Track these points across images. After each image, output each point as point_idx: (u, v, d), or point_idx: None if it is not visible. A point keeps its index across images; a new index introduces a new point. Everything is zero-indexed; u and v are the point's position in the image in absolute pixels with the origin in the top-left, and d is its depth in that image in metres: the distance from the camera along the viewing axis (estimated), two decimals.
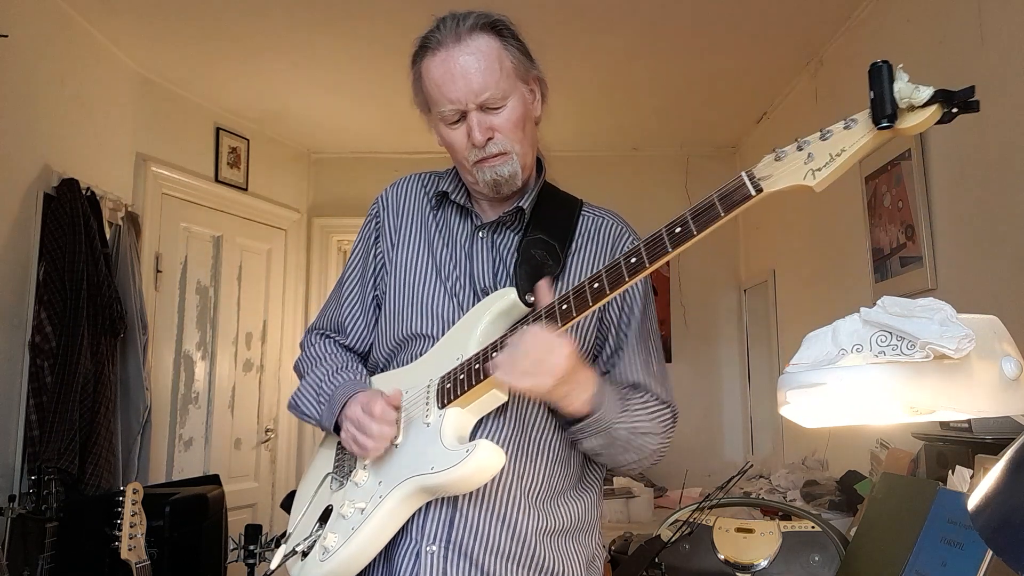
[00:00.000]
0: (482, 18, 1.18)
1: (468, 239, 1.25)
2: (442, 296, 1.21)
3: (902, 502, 1.51)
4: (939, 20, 2.31)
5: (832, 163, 0.84)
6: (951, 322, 0.74)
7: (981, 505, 0.56)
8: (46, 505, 2.21)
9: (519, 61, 1.20)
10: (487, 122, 1.16)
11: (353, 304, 1.33)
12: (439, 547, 1.13)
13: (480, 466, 1.05)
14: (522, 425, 1.17)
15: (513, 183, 1.20)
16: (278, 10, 2.95)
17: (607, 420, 1.12)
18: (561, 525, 1.19)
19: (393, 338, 1.24)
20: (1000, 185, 2.03)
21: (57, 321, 2.66)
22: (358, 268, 1.34)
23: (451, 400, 1.11)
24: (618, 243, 1.26)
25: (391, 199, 1.35)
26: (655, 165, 4.55)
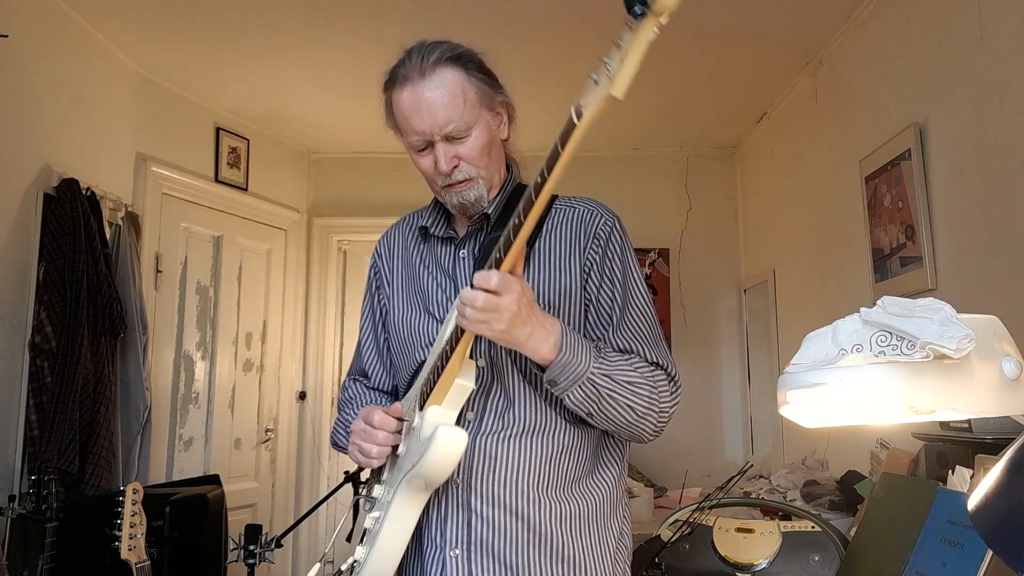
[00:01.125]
0: (447, 51, 1.24)
1: (451, 262, 1.33)
2: (430, 324, 1.30)
3: (902, 502, 1.51)
4: (939, 20, 2.31)
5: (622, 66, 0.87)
6: (951, 322, 0.74)
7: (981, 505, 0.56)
8: (46, 505, 2.21)
9: (483, 91, 1.26)
10: (452, 151, 1.24)
11: (370, 352, 1.46)
12: (461, 550, 1.19)
13: (442, 447, 1.10)
14: (526, 421, 1.22)
15: (479, 205, 1.28)
16: (278, 10, 2.95)
17: (581, 364, 1.14)
18: (578, 511, 1.23)
19: (406, 374, 1.34)
20: (1000, 185, 2.04)
21: (57, 321, 2.66)
22: (368, 319, 1.47)
23: (426, 400, 1.18)
24: (590, 227, 1.29)
25: (383, 248, 1.47)
26: (655, 165, 4.55)
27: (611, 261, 1.27)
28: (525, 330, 1.10)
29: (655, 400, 1.20)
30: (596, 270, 1.27)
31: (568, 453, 1.24)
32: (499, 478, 1.21)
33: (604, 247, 1.28)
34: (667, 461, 4.17)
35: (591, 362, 1.15)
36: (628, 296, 1.27)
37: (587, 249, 1.27)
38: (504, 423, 1.22)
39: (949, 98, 2.26)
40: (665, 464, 4.16)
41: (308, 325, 4.53)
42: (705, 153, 4.53)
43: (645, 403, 1.19)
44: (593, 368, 1.15)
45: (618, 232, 1.31)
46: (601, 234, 1.28)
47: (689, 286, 4.49)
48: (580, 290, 1.26)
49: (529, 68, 3.28)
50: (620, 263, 1.28)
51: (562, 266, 1.26)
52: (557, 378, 1.14)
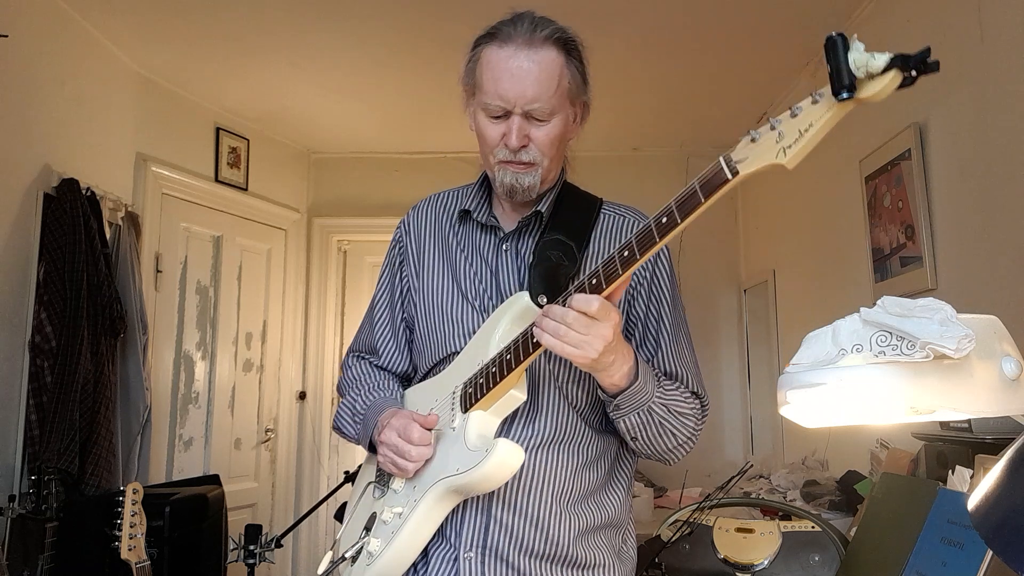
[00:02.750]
0: (558, 32, 1.20)
1: (493, 253, 1.28)
2: (470, 313, 1.25)
3: (902, 502, 1.51)
4: (939, 20, 2.31)
5: (801, 139, 0.86)
6: (951, 322, 0.74)
7: (981, 505, 0.56)
8: (46, 505, 2.21)
9: (574, 84, 1.23)
10: (527, 130, 1.19)
11: (384, 328, 1.39)
12: (476, 553, 1.18)
13: (500, 463, 1.09)
14: (554, 430, 1.21)
15: (530, 193, 1.24)
16: (278, 10, 2.95)
17: (646, 393, 1.14)
18: (591, 524, 1.23)
19: (431, 359, 1.30)
20: (1000, 185, 2.03)
21: (57, 321, 2.65)
22: (386, 293, 1.40)
23: (473, 403, 1.15)
24: None
25: (412, 224, 1.38)
26: (655, 165, 4.55)
27: (660, 280, 1.26)
28: (610, 358, 1.07)
29: (692, 434, 1.23)
30: (646, 288, 1.24)
31: (590, 465, 1.24)
32: (525, 487, 1.19)
33: (654, 264, 1.26)
34: None
35: (655, 391, 1.15)
36: (677, 318, 1.26)
37: None
38: (532, 431, 1.20)
39: (949, 98, 2.26)
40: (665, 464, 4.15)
41: (308, 325, 4.53)
42: (705, 153, 4.52)
43: (688, 433, 1.22)
44: (656, 397, 1.15)
45: (666, 251, 1.27)
46: None
47: (689, 286, 4.47)
48: (625, 304, 1.24)
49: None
50: (669, 284, 1.27)
51: None
52: (622, 403, 1.14)
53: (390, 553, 1.17)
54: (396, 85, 3.58)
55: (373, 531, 1.22)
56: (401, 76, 3.49)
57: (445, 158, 4.38)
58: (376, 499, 1.27)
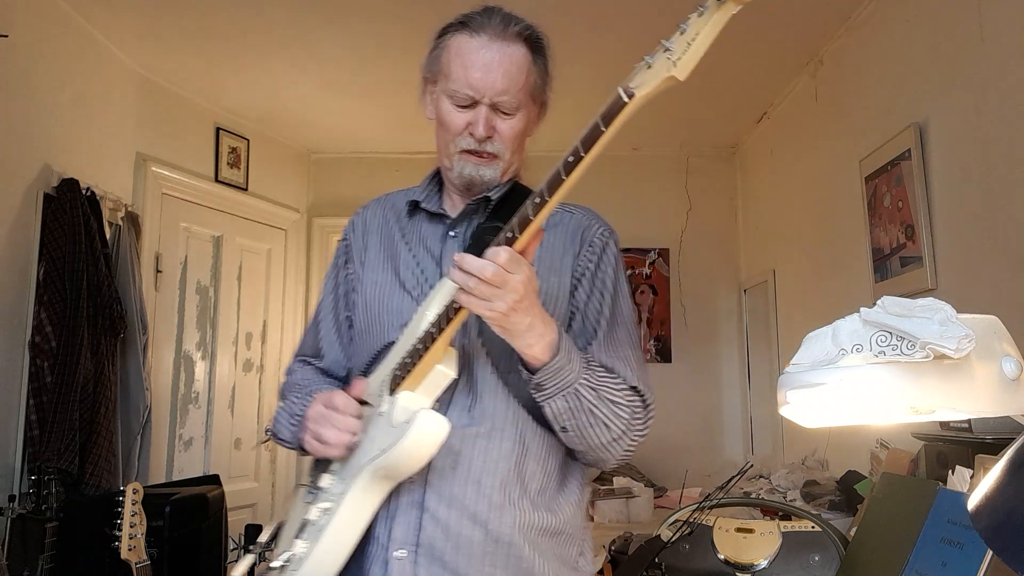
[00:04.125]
0: (528, 29, 1.21)
1: (439, 242, 1.25)
2: (408, 304, 1.20)
3: (902, 502, 1.51)
4: (939, 20, 2.31)
5: (689, 49, 0.88)
6: (951, 322, 0.74)
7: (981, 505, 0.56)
8: (46, 505, 2.21)
9: (540, 81, 1.23)
10: (493, 121, 1.18)
11: (328, 328, 1.35)
12: (409, 552, 1.10)
13: (422, 433, 1.02)
14: (494, 419, 1.14)
15: (487, 186, 1.22)
16: (278, 10, 2.95)
17: (571, 372, 1.08)
18: (539, 525, 1.14)
19: (368, 354, 1.24)
20: (1000, 185, 2.04)
21: (57, 321, 2.66)
22: (331, 292, 1.36)
23: (399, 384, 1.10)
24: (587, 234, 1.24)
25: (359, 223, 1.37)
26: (655, 165, 4.55)
27: (604, 273, 1.22)
28: (525, 320, 1.02)
29: (631, 425, 1.15)
30: (588, 279, 1.21)
31: (536, 460, 1.16)
32: (462, 477, 1.11)
33: (599, 257, 1.23)
34: (667, 461, 4.16)
35: (581, 372, 1.10)
36: (617, 313, 1.22)
37: (580, 255, 1.22)
38: (471, 418, 1.14)
39: (949, 98, 2.26)
40: (665, 464, 4.15)
41: None
42: (705, 153, 4.53)
43: (622, 426, 1.14)
44: (583, 379, 1.09)
45: (614, 246, 1.26)
46: (597, 243, 1.24)
47: (689, 286, 4.49)
48: (568, 296, 1.20)
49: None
50: (613, 277, 1.23)
51: (554, 268, 1.20)
52: (545, 383, 1.08)
53: (316, 553, 1.08)
54: (396, 85, 3.58)
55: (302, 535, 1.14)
56: (401, 76, 3.49)
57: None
58: (307, 504, 1.19)
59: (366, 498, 1.09)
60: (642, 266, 4.53)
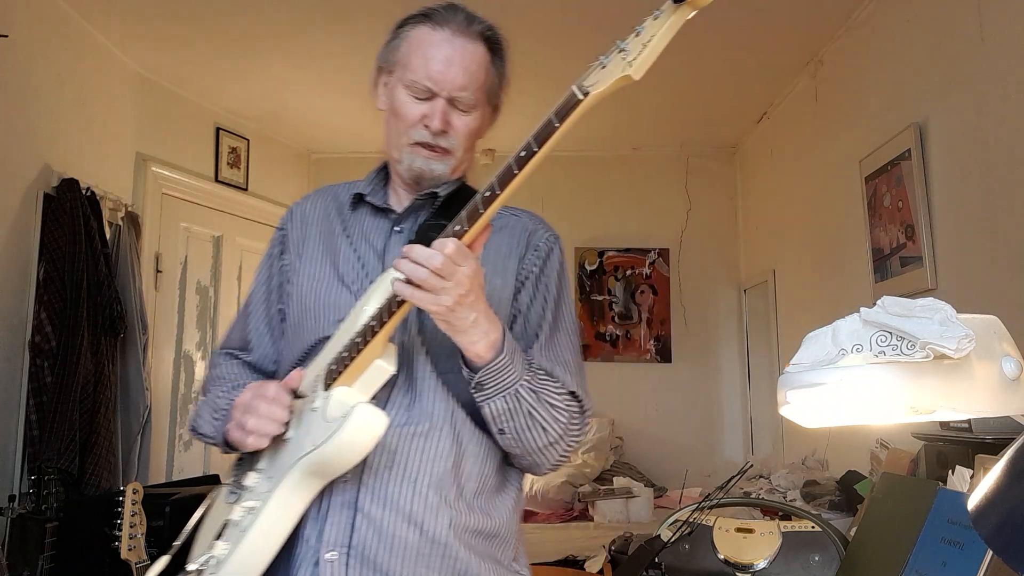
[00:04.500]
0: (490, 30, 1.21)
1: (383, 237, 1.23)
2: (346, 298, 1.17)
3: (902, 502, 1.51)
4: (939, 20, 2.31)
5: (644, 50, 0.88)
6: (951, 322, 0.74)
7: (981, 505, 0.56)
8: (46, 505, 2.21)
9: (496, 84, 1.23)
10: (450, 116, 1.17)
11: (258, 319, 1.31)
12: (340, 554, 1.05)
13: (359, 428, 0.98)
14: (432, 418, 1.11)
15: (436, 182, 1.21)
16: (278, 10, 2.95)
17: (514, 373, 1.06)
18: (475, 527, 1.12)
19: (301, 347, 1.20)
20: (1000, 185, 2.04)
21: (57, 321, 2.66)
22: (263, 284, 1.32)
23: (335, 379, 1.06)
24: (533, 237, 1.23)
25: (297, 213, 1.33)
26: (655, 165, 4.55)
27: (548, 278, 1.21)
28: (471, 315, 1.00)
29: (567, 430, 1.13)
30: (532, 282, 1.20)
31: (473, 461, 1.13)
32: (397, 477, 1.08)
33: (544, 261, 1.22)
34: (667, 461, 4.17)
35: (523, 373, 1.08)
36: (560, 318, 1.20)
37: (525, 258, 1.21)
38: (409, 417, 1.10)
39: (949, 98, 2.26)
40: (665, 464, 4.16)
41: None
42: (705, 153, 4.53)
43: (559, 430, 1.12)
44: (524, 380, 1.07)
45: (559, 252, 1.25)
46: (542, 248, 1.22)
47: (689, 286, 4.49)
48: (511, 299, 1.19)
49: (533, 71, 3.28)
50: (557, 282, 1.22)
51: (498, 269, 1.18)
52: (486, 382, 1.06)
53: (239, 554, 1.03)
54: None
55: (223, 536, 1.09)
56: None
57: None
58: (229, 504, 1.14)
59: (295, 496, 1.04)
60: (642, 266, 4.53)
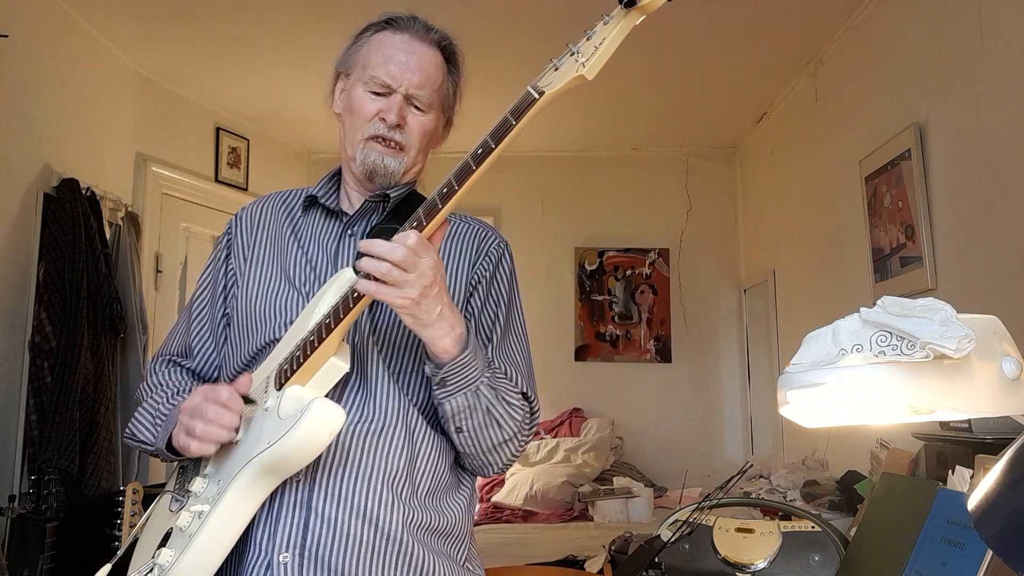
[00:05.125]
0: (447, 40, 1.25)
1: (335, 240, 1.23)
2: (296, 300, 1.17)
3: (902, 502, 1.51)
4: (939, 20, 2.32)
5: (596, 52, 0.92)
6: (951, 322, 0.74)
7: (981, 505, 0.56)
8: (46, 505, 2.21)
9: (449, 94, 1.27)
10: (406, 111, 1.20)
11: (202, 325, 1.29)
12: (293, 555, 1.04)
13: (315, 422, 0.97)
14: (385, 417, 1.11)
15: (387, 180, 1.22)
16: (278, 10, 2.95)
17: (476, 369, 1.07)
18: (429, 524, 1.12)
19: (248, 352, 1.19)
20: (1000, 185, 2.04)
21: (57, 321, 2.66)
22: (207, 289, 1.30)
23: (288, 379, 1.05)
24: (483, 244, 1.25)
25: (245, 218, 1.33)
26: (655, 165, 4.55)
27: (499, 283, 1.24)
28: (436, 308, 1.00)
29: (520, 429, 1.14)
30: (483, 287, 1.22)
31: (427, 458, 1.14)
32: (351, 475, 1.07)
33: (495, 267, 1.25)
34: (667, 461, 4.16)
35: (484, 371, 1.09)
36: (511, 321, 1.23)
37: (477, 264, 1.23)
38: (362, 415, 1.10)
39: (949, 98, 2.26)
40: (665, 464, 4.16)
41: None
42: (705, 153, 4.53)
43: (513, 428, 1.13)
44: (484, 377, 1.08)
45: (508, 258, 1.28)
46: (493, 254, 1.25)
47: (689, 286, 4.49)
48: (464, 303, 1.20)
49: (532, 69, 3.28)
50: (507, 287, 1.25)
51: (450, 274, 1.20)
52: (450, 378, 1.06)
53: (186, 561, 1.00)
54: None
55: (168, 544, 1.05)
56: None
57: (444, 158, 4.38)
58: (173, 512, 1.11)
59: (246, 498, 1.02)
60: (642, 266, 4.53)
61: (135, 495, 2.08)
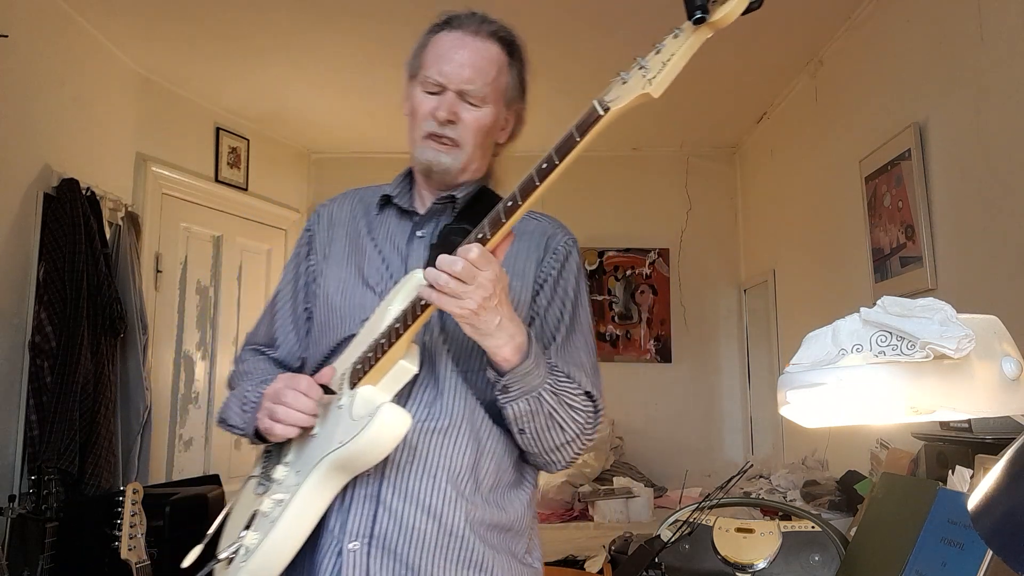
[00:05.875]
0: (504, 31, 1.25)
1: (406, 240, 1.26)
2: (370, 299, 1.21)
3: (902, 502, 1.51)
4: (939, 20, 2.31)
5: (664, 68, 0.91)
6: (951, 322, 0.74)
7: (981, 505, 0.56)
8: (46, 505, 2.21)
9: (511, 87, 1.26)
10: (457, 108, 1.21)
11: (284, 317, 1.35)
12: (362, 544, 1.10)
13: (384, 426, 1.03)
14: (452, 416, 1.15)
15: (446, 176, 1.24)
16: (278, 10, 2.95)
17: (538, 376, 1.10)
18: (490, 521, 1.16)
19: (327, 346, 1.25)
20: (1000, 185, 2.04)
21: (57, 321, 2.66)
22: (290, 283, 1.36)
23: (360, 378, 1.11)
24: (551, 242, 1.26)
25: (325, 215, 1.37)
26: (655, 165, 4.55)
27: (566, 281, 1.25)
28: (495, 319, 1.03)
29: (583, 430, 1.17)
30: (550, 285, 1.24)
31: (491, 457, 1.18)
32: (418, 471, 1.12)
33: (562, 265, 1.25)
34: (667, 461, 4.16)
35: (546, 377, 1.11)
36: (576, 320, 1.24)
37: (544, 263, 1.24)
38: (429, 413, 1.15)
39: (949, 98, 2.26)
40: (665, 464, 4.16)
41: None
42: (705, 153, 4.53)
43: (575, 430, 1.16)
44: (547, 383, 1.11)
45: (577, 256, 1.28)
46: (561, 251, 1.26)
47: (689, 286, 4.49)
48: (530, 301, 1.22)
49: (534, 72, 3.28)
50: (575, 285, 1.26)
51: (517, 272, 1.22)
52: (512, 385, 1.09)
53: (268, 544, 1.08)
54: (396, 84, 3.57)
55: (252, 526, 1.14)
56: (401, 76, 3.49)
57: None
58: (258, 495, 1.19)
59: (321, 490, 1.09)
60: (642, 266, 4.53)
61: (135, 495, 2.08)
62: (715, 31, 0.90)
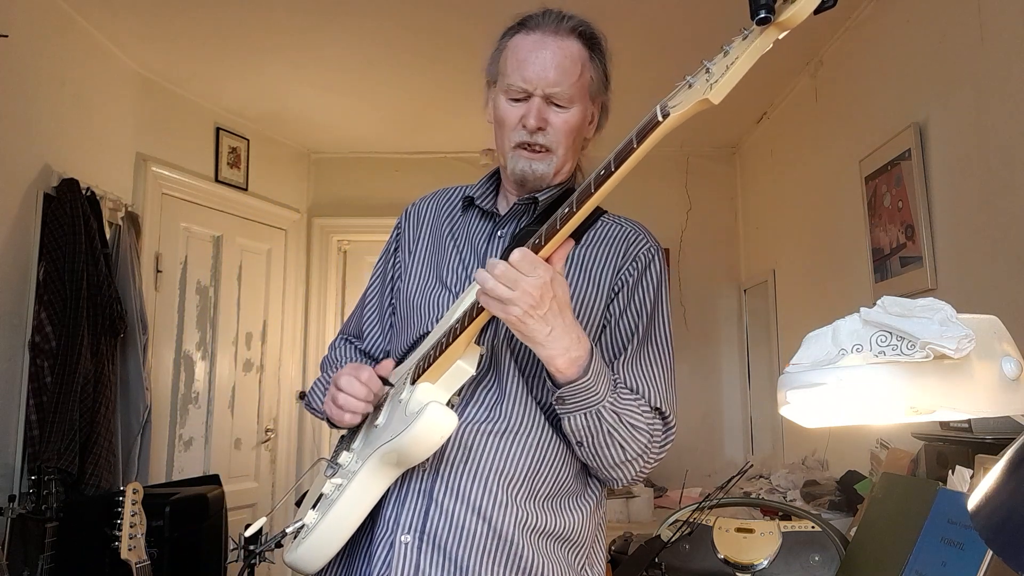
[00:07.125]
0: (584, 26, 1.23)
1: (485, 242, 1.27)
2: (446, 299, 1.23)
3: (902, 502, 1.51)
4: (939, 20, 2.31)
5: (727, 72, 0.88)
6: (951, 322, 0.74)
7: (981, 505, 0.56)
8: (46, 505, 2.21)
9: (596, 80, 1.25)
10: (546, 113, 1.19)
11: (371, 312, 1.40)
12: (413, 537, 1.11)
13: (427, 426, 1.03)
14: (511, 419, 1.15)
15: (540, 182, 1.23)
16: (279, 10, 2.95)
17: (597, 395, 1.07)
18: (543, 528, 1.14)
19: (405, 342, 1.27)
20: (1000, 185, 2.04)
21: (57, 321, 2.66)
22: (379, 279, 1.41)
23: (420, 375, 1.12)
24: (632, 248, 1.24)
25: (412, 213, 1.40)
26: (655, 165, 4.54)
27: (643, 289, 1.21)
28: (544, 328, 1.00)
29: (647, 448, 1.15)
30: (625, 293, 1.21)
31: (550, 464, 1.16)
32: (470, 472, 1.12)
33: (641, 272, 1.22)
34: (667, 461, 4.13)
35: (607, 395, 1.08)
36: (652, 330, 1.20)
37: (623, 269, 1.21)
38: (489, 415, 1.15)
39: (949, 98, 2.26)
40: (665, 464, 4.14)
41: (308, 325, 4.54)
42: (705, 153, 4.53)
43: (638, 449, 1.14)
44: (607, 402, 1.08)
45: (658, 263, 1.25)
46: (641, 258, 1.23)
47: (689, 286, 4.49)
48: (604, 308, 1.20)
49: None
50: (653, 294, 1.22)
51: (592, 278, 1.20)
52: (568, 398, 1.07)
53: (324, 525, 1.11)
54: (396, 85, 3.58)
55: (317, 506, 1.18)
56: (401, 76, 3.49)
57: (445, 158, 4.38)
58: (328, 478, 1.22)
59: (374, 480, 1.11)
60: None
61: (135, 495, 2.09)
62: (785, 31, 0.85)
